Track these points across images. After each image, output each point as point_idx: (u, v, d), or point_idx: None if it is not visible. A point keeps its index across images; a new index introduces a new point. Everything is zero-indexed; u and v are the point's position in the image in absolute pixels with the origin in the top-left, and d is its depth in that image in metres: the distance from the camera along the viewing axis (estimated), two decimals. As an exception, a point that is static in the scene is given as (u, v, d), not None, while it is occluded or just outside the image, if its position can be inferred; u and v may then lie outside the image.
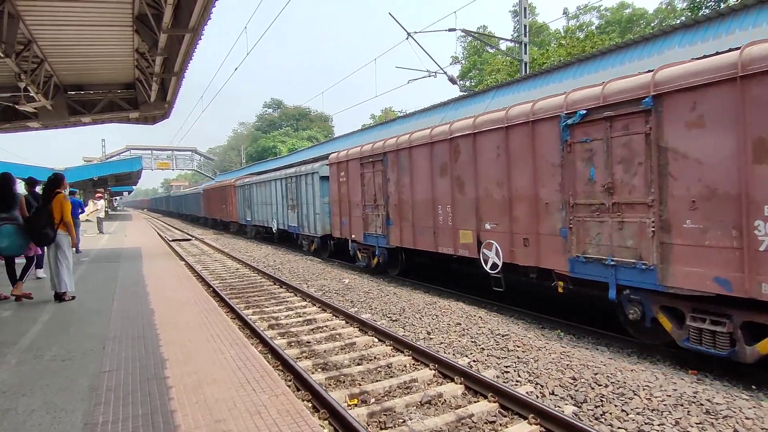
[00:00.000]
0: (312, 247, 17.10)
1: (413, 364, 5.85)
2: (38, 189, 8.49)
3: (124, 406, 3.68)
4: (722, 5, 19.96)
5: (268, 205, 21.16)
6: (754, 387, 5.00)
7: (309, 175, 16.46)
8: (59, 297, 7.39)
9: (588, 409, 4.45)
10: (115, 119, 13.35)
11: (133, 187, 61.86)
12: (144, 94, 11.36)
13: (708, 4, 22.25)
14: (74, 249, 14.70)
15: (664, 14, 39.29)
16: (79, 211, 15.28)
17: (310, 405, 4.61)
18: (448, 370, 5.39)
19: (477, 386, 4.95)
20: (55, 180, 7.39)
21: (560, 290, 7.12)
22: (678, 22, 12.04)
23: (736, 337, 5.02)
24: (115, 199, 66.67)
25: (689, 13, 23.73)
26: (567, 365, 5.42)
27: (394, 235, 10.93)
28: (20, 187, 9.36)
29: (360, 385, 5.23)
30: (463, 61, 43.82)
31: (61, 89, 10.95)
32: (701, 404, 4.39)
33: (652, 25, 38.71)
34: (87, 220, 20.34)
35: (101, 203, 23.78)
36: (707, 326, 5.22)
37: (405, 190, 10.37)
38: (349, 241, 13.18)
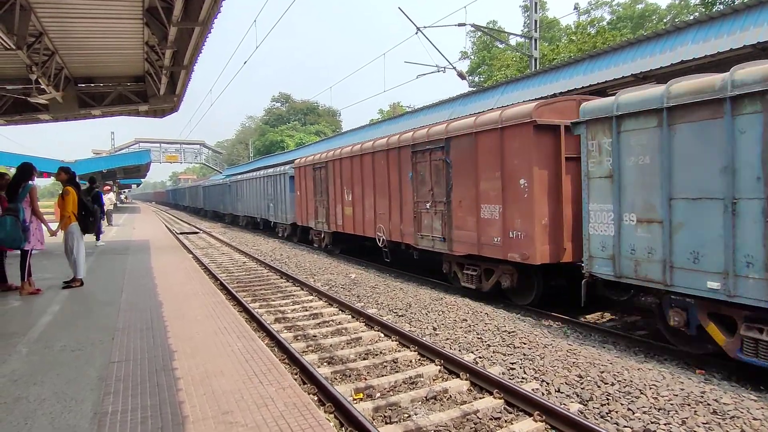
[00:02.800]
0: None
1: (419, 360, 5.86)
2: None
3: (132, 396, 3.72)
4: (736, 1, 19.66)
5: None
6: (762, 388, 4.96)
7: None
8: (67, 284, 7.83)
9: (594, 407, 4.44)
10: (124, 112, 13.43)
11: (142, 180, 62.32)
12: (153, 87, 11.41)
13: (722, 0, 21.92)
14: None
15: (677, 10, 38.81)
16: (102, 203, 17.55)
17: (315, 398, 4.63)
18: (453, 366, 5.39)
19: (482, 382, 4.95)
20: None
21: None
22: (692, 17, 11.90)
23: None
24: (123, 192, 67.18)
25: (702, 9, 23.37)
26: (573, 363, 5.41)
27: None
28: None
29: (366, 379, 5.25)
30: (472, 57, 43.58)
31: (72, 81, 11.02)
32: (708, 404, 4.36)
33: (665, 20, 38.23)
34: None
35: (110, 197, 23.85)
36: None
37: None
38: None
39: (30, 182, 7.38)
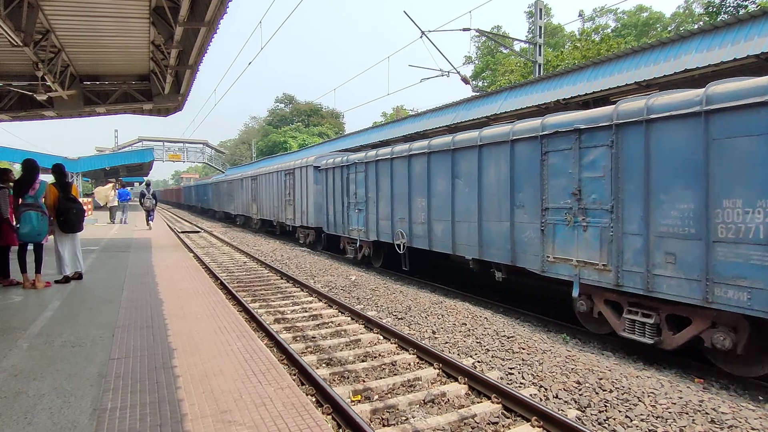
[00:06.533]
0: None
1: (417, 363, 5.86)
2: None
3: (132, 393, 3.74)
4: (741, 11, 19.69)
5: None
6: (761, 398, 4.96)
7: None
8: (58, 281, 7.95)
9: (591, 414, 4.44)
10: (129, 110, 13.49)
11: (144, 178, 62.31)
12: (158, 86, 11.47)
13: (726, 9, 21.96)
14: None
15: (681, 18, 38.89)
16: (128, 198, 22.38)
17: (314, 399, 4.64)
18: (452, 370, 5.39)
19: (481, 387, 4.95)
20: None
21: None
22: (696, 27, 11.91)
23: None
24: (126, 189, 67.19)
25: (707, 18, 23.40)
26: (572, 369, 5.41)
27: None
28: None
29: (364, 381, 5.25)
30: (476, 61, 43.71)
31: (77, 79, 11.08)
32: (706, 413, 4.36)
33: (669, 29, 38.30)
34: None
35: (109, 193, 24.06)
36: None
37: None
38: None
39: (44, 180, 7.59)
